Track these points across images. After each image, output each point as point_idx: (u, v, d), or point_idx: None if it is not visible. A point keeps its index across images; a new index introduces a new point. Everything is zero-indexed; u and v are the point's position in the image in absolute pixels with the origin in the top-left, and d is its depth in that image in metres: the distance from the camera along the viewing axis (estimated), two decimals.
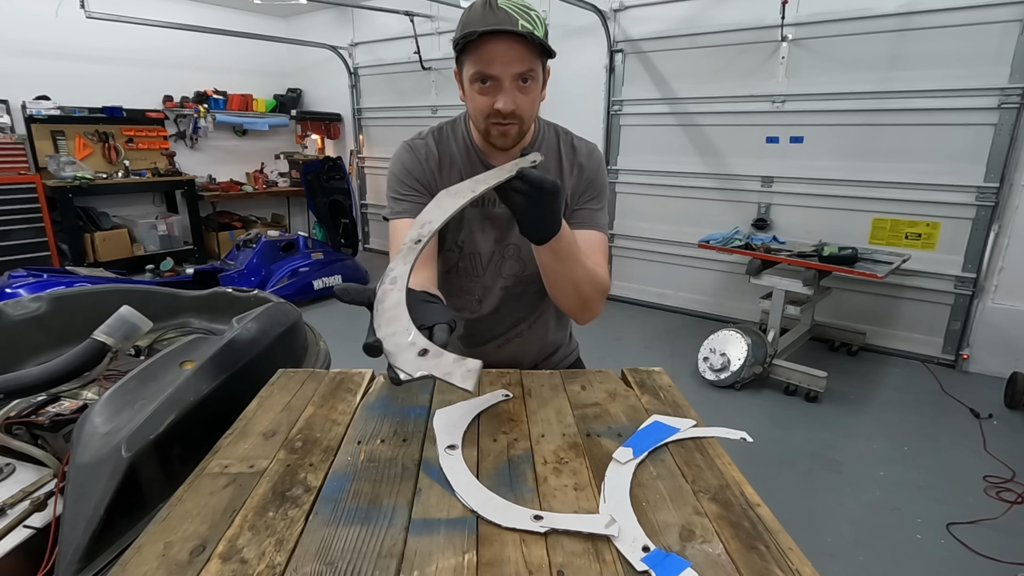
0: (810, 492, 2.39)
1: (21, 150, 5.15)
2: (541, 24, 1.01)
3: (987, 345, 3.49)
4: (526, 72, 1.00)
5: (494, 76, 1.00)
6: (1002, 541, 2.09)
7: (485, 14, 0.97)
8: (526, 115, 1.06)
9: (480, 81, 1.02)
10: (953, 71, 3.31)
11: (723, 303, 4.49)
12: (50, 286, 3.54)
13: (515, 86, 1.01)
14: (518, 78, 1.01)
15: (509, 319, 1.28)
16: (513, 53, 0.98)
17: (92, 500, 0.85)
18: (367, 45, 6.34)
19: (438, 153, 1.18)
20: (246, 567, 0.62)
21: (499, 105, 1.01)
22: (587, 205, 1.20)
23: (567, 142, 1.21)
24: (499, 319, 1.27)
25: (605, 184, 1.23)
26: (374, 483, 0.78)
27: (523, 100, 1.04)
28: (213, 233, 6.52)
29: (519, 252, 1.21)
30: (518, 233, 1.14)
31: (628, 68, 4.56)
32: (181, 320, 1.70)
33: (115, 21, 4.50)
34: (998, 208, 3.33)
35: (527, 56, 0.99)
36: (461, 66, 1.05)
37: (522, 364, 1.29)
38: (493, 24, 0.95)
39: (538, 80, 1.05)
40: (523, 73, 1.00)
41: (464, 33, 0.97)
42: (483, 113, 1.05)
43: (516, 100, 1.02)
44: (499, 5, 0.97)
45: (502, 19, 0.96)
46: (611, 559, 0.64)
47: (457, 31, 1.02)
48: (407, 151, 1.18)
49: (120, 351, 1.17)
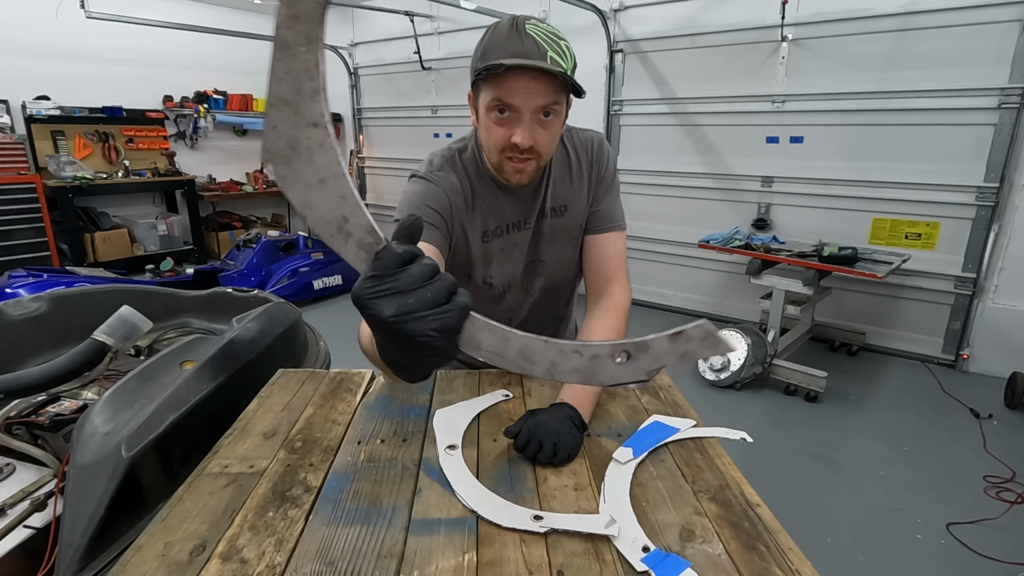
0: (810, 492, 2.39)
1: (21, 150, 5.15)
2: (571, 56, 0.93)
3: (987, 345, 3.49)
4: (549, 106, 0.92)
5: (514, 107, 0.91)
6: (1002, 541, 2.09)
7: (511, 39, 0.89)
8: (545, 152, 0.98)
9: (498, 111, 0.93)
10: (953, 71, 3.31)
11: (723, 303, 4.49)
12: (50, 286, 3.54)
13: (535, 119, 0.93)
14: (540, 111, 0.92)
15: (536, 328, 1.25)
16: (538, 85, 0.89)
17: (92, 500, 0.85)
18: (367, 45, 6.34)
19: (461, 187, 1.06)
20: (246, 567, 0.62)
21: (516, 139, 0.93)
22: (604, 203, 1.14)
23: (572, 147, 1.13)
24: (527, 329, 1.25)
25: (615, 171, 1.17)
26: (374, 483, 0.78)
27: (543, 136, 0.95)
28: (213, 233, 6.52)
29: (546, 267, 1.16)
30: (540, 248, 1.12)
31: (628, 68, 4.56)
32: (181, 320, 1.70)
33: (115, 21, 4.50)
34: (998, 208, 3.32)
35: (552, 90, 0.90)
36: (477, 91, 0.96)
37: None
38: (520, 54, 0.87)
39: (561, 115, 0.96)
40: (546, 106, 0.92)
41: (488, 65, 0.88)
42: (498, 147, 0.96)
43: (536, 135, 0.94)
44: (527, 31, 0.89)
45: (529, 48, 0.88)
46: (611, 559, 0.64)
47: (477, 54, 0.94)
48: (425, 184, 1.04)
49: (120, 351, 1.17)
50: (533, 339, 0.54)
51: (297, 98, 0.44)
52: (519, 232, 1.11)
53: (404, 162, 6.37)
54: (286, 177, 0.46)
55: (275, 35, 0.42)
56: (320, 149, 0.45)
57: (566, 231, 1.14)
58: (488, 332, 0.55)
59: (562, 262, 1.17)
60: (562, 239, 1.14)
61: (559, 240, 1.14)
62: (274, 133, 0.45)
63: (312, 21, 0.42)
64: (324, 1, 0.42)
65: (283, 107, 0.44)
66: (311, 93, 0.43)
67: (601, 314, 1.09)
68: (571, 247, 1.16)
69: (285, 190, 0.46)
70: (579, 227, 1.15)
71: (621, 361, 0.50)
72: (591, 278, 1.15)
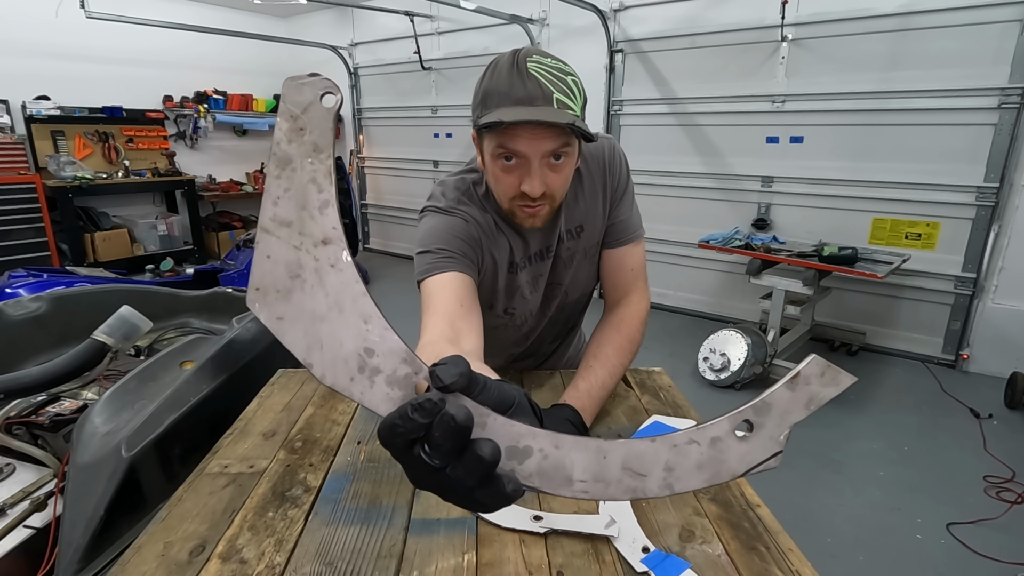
0: (810, 492, 2.39)
1: (21, 150, 5.15)
2: (580, 92, 0.85)
3: (987, 345, 3.49)
4: (559, 149, 0.84)
5: (520, 154, 0.84)
6: (1002, 541, 2.09)
7: (512, 83, 0.81)
8: (558, 195, 0.91)
9: (504, 159, 0.85)
10: (953, 71, 3.31)
11: (723, 303, 4.49)
12: (50, 286, 3.54)
13: (545, 163, 0.85)
14: (549, 155, 0.84)
15: (551, 337, 1.25)
16: (544, 131, 0.81)
17: (92, 500, 0.85)
18: (367, 45, 6.34)
19: (483, 219, 0.99)
20: (246, 567, 0.62)
21: (526, 188, 0.85)
22: (620, 214, 1.07)
23: (583, 162, 1.01)
24: (542, 341, 1.23)
25: (629, 176, 1.09)
26: (374, 483, 0.78)
27: (555, 180, 0.87)
28: (213, 233, 6.52)
29: (563, 289, 1.12)
30: (558, 271, 1.08)
31: (628, 68, 4.56)
32: (181, 320, 1.70)
33: (115, 21, 4.50)
34: (998, 208, 3.32)
35: (561, 134, 0.82)
36: (481, 136, 0.89)
37: (556, 367, 1.29)
38: (523, 100, 0.80)
39: (573, 155, 0.88)
40: (555, 150, 0.84)
41: (487, 123, 0.80)
42: (508, 195, 0.90)
43: (547, 180, 0.86)
44: (529, 71, 0.81)
45: (533, 92, 0.80)
46: (611, 560, 0.64)
47: (477, 97, 0.86)
48: (447, 216, 0.96)
49: (120, 351, 1.17)
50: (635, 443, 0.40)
51: (301, 215, 0.35)
52: (542, 262, 1.06)
53: (404, 162, 6.37)
54: (284, 316, 0.36)
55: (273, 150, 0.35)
56: (332, 270, 0.35)
57: (584, 252, 1.08)
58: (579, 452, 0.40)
59: (580, 282, 1.13)
60: (580, 260, 1.09)
61: (576, 261, 1.09)
62: (267, 264, 0.35)
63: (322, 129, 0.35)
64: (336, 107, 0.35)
65: (281, 230, 0.35)
66: (320, 206, 0.35)
67: (615, 325, 1.05)
68: (588, 265, 1.11)
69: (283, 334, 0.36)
70: (596, 244, 1.09)
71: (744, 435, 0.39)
72: (609, 290, 1.12)
